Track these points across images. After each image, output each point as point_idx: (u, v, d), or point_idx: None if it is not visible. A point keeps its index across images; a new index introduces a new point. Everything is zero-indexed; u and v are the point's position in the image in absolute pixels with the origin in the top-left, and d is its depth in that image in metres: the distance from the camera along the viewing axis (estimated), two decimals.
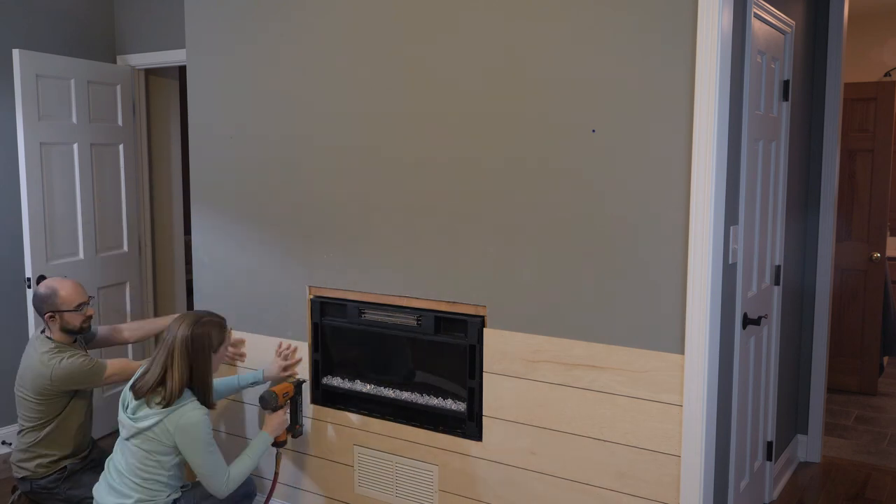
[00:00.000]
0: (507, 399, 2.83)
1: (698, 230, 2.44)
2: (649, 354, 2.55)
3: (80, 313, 3.12)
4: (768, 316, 3.40)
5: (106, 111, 4.43)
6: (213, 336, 2.76)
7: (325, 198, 3.19)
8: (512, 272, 2.79)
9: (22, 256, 4.09)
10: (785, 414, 3.85)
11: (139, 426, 2.65)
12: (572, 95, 2.62)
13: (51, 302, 3.07)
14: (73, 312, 3.09)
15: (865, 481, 3.88)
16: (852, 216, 5.13)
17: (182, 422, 2.64)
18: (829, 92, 3.93)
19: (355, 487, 3.24)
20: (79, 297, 3.11)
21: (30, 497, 3.15)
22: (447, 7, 2.83)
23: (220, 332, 2.80)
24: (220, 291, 3.52)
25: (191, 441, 2.66)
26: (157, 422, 2.64)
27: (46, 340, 3.09)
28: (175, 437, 2.65)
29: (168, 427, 2.64)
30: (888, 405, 5.04)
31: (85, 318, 3.14)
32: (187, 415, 2.65)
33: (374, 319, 3.14)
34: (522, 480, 2.84)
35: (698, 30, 2.38)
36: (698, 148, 2.41)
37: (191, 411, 2.66)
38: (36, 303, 3.12)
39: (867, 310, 5.17)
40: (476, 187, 2.83)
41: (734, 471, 2.99)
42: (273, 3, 3.24)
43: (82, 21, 4.48)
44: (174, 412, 2.64)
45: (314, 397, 3.31)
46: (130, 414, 2.69)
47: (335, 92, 3.12)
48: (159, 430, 2.65)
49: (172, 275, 5.00)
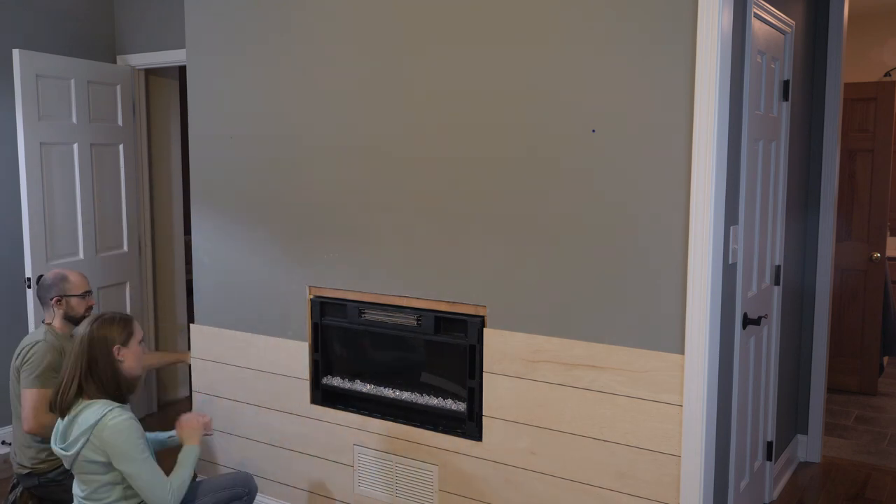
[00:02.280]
0: (507, 399, 2.83)
1: (698, 230, 2.44)
2: (649, 354, 2.55)
3: (85, 300, 3.26)
4: (768, 316, 3.40)
5: (106, 111, 4.43)
6: (115, 331, 2.60)
7: (325, 198, 3.19)
8: (512, 272, 2.79)
9: (22, 256, 4.09)
10: (785, 414, 3.85)
11: (70, 453, 2.50)
12: (572, 95, 2.62)
13: (60, 286, 3.20)
14: (79, 298, 3.23)
15: (865, 481, 3.88)
16: (852, 216, 5.13)
17: (106, 433, 2.46)
18: (829, 92, 3.93)
19: (355, 487, 3.24)
20: (85, 284, 3.28)
21: (34, 492, 3.15)
22: (447, 6, 2.83)
23: (124, 325, 2.63)
24: (219, 291, 3.52)
25: (120, 451, 2.47)
26: (84, 443, 2.48)
27: (41, 327, 3.20)
28: (106, 451, 2.48)
29: (95, 443, 2.47)
30: (888, 405, 5.04)
31: (87, 307, 3.27)
32: (110, 424, 2.47)
33: (374, 319, 3.14)
34: (522, 480, 2.84)
35: (698, 30, 2.38)
36: (698, 148, 2.41)
37: (112, 420, 2.48)
38: (41, 290, 3.23)
39: (867, 310, 5.17)
40: (476, 188, 2.83)
41: (734, 471, 2.99)
42: (273, 3, 3.24)
43: (82, 21, 4.48)
44: (97, 425, 2.47)
45: (314, 397, 3.31)
46: (61, 443, 2.54)
47: (336, 92, 3.12)
48: (89, 451, 2.48)
49: (172, 275, 5.00)
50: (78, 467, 2.55)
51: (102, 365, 2.56)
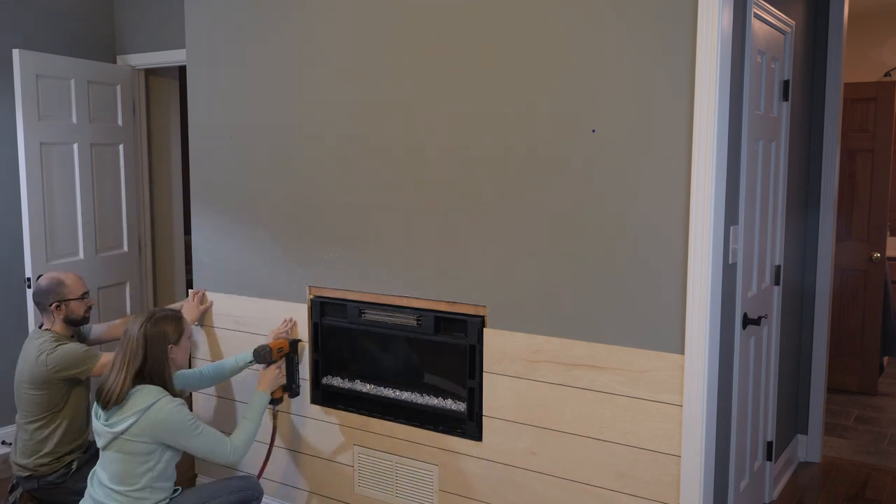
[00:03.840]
0: (507, 399, 2.83)
1: (698, 230, 2.44)
2: (649, 354, 2.55)
3: (84, 302, 3.22)
4: (768, 316, 3.40)
5: (106, 111, 4.43)
6: (169, 330, 2.70)
7: (325, 198, 3.19)
8: (512, 272, 2.79)
9: (22, 256, 4.09)
10: (785, 414, 3.85)
11: (115, 430, 2.59)
12: (572, 95, 2.62)
13: (57, 291, 3.14)
14: (78, 301, 3.19)
15: (865, 481, 3.88)
16: (852, 216, 5.13)
17: (160, 417, 2.59)
18: (829, 92, 3.93)
19: (355, 487, 3.24)
20: (82, 286, 3.23)
21: (34, 494, 3.15)
22: (447, 4, 2.83)
23: (176, 324, 2.74)
24: (219, 291, 3.52)
25: (175, 431, 2.62)
26: (133, 423, 2.58)
27: (45, 333, 3.15)
28: (157, 434, 2.60)
29: (145, 425, 2.59)
30: (888, 405, 5.04)
31: (87, 308, 3.24)
32: (162, 410, 2.60)
33: (374, 319, 3.14)
34: (522, 480, 2.84)
35: (698, 30, 2.38)
36: (698, 148, 2.41)
37: (164, 406, 2.60)
38: (38, 296, 3.17)
39: (867, 310, 5.17)
40: (476, 187, 2.83)
41: (734, 471, 2.99)
42: (273, 3, 3.24)
43: (82, 21, 4.48)
44: (149, 410, 2.59)
45: (314, 397, 3.31)
46: (104, 421, 2.63)
47: (336, 92, 3.12)
48: (137, 430, 2.58)
49: (172, 275, 5.00)
50: (116, 444, 2.61)
51: (154, 363, 2.66)
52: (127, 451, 2.61)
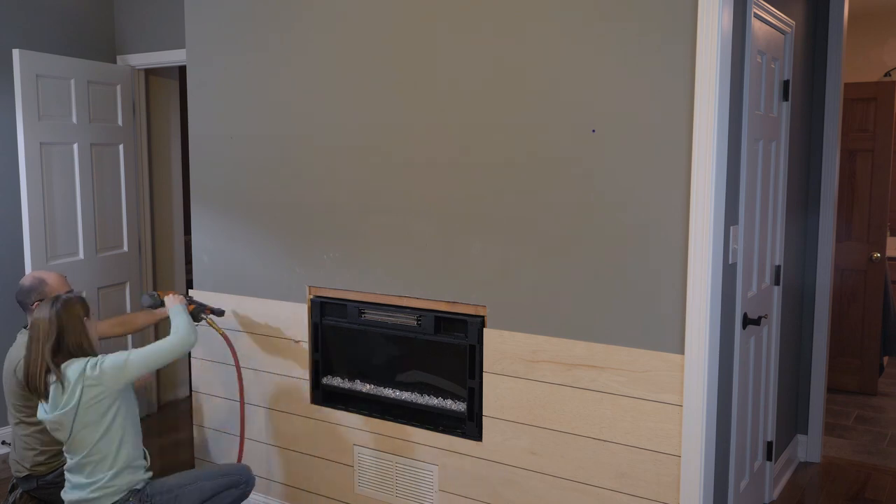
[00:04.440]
0: (507, 399, 2.83)
1: (698, 230, 2.44)
2: (649, 354, 2.55)
3: None
4: (768, 316, 3.40)
5: (106, 111, 4.43)
6: (77, 305, 2.73)
7: (325, 198, 3.19)
8: (512, 272, 2.79)
9: (22, 256, 4.09)
10: (785, 414, 3.85)
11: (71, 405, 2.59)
12: (572, 96, 2.62)
13: (39, 290, 3.11)
14: None
15: (865, 481, 3.88)
16: (852, 216, 5.13)
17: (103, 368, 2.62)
18: (829, 92, 3.93)
19: (355, 487, 3.24)
20: (65, 285, 3.19)
21: (33, 494, 3.15)
22: (448, 6, 2.83)
23: (82, 302, 2.77)
24: (220, 291, 3.52)
25: (118, 369, 2.63)
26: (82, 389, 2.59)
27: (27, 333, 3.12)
28: (108, 383, 2.62)
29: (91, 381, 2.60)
30: (888, 405, 5.04)
31: None
32: (98, 365, 2.62)
33: (373, 319, 3.14)
34: (522, 480, 2.84)
35: (698, 30, 2.38)
36: (698, 148, 2.41)
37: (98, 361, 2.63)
38: (21, 296, 3.14)
39: (867, 310, 5.17)
40: (476, 188, 2.83)
41: (734, 471, 2.99)
42: (273, 4, 3.24)
43: (82, 21, 4.48)
44: (85, 372, 2.60)
45: (314, 397, 3.31)
46: (53, 410, 2.63)
47: (335, 92, 3.12)
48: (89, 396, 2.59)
49: (172, 275, 5.00)
50: (80, 420, 2.61)
51: (72, 335, 2.68)
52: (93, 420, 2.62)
